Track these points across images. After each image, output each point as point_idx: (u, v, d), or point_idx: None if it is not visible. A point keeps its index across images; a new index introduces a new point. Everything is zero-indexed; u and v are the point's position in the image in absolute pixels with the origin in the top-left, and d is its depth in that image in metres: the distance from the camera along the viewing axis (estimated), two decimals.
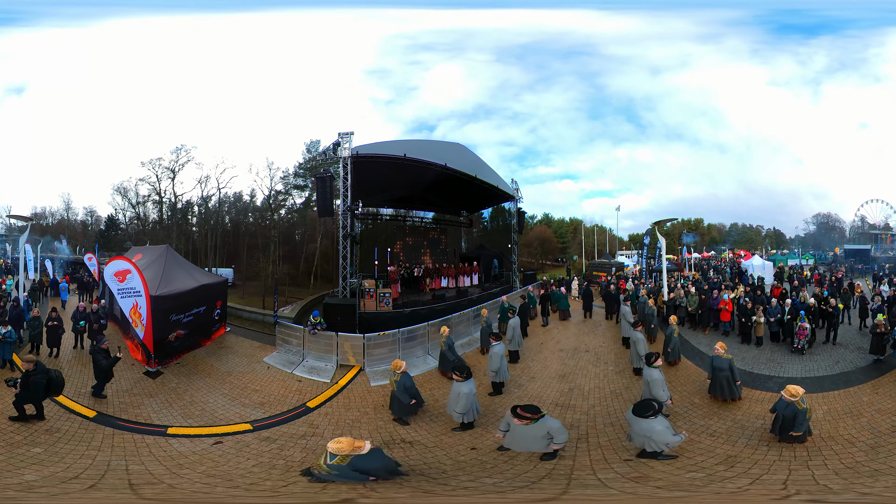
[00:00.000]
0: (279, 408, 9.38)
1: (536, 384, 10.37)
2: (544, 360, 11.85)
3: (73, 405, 8.42)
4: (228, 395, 9.77)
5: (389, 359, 11.79)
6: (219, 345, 13.00)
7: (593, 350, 12.25)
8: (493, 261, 22.39)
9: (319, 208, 16.24)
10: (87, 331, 11.27)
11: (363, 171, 15.97)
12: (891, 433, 6.93)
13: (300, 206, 24.88)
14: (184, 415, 8.69)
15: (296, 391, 10.25)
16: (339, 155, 15.28)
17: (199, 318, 12.46)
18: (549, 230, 33.36)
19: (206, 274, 15.05)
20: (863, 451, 6.50)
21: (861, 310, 12.58)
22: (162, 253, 13.21)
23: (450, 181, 18.59)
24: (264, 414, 9.04)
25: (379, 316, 15.02)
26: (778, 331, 11.38)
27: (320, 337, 12.32)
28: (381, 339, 12.23)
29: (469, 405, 7.92)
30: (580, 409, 8.84)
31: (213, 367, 11.29)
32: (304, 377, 11.02)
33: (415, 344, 12.76)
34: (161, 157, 23.01)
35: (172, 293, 11.44)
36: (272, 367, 11.59)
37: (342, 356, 12.00)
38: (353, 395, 10.25)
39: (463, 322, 14.31)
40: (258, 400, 9.65)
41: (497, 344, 9.81)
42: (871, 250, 34.86)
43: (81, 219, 27.08)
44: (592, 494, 5.81)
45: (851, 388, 8.69)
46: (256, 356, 12.27)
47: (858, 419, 7.48)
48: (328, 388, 10.51)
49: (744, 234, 46.21)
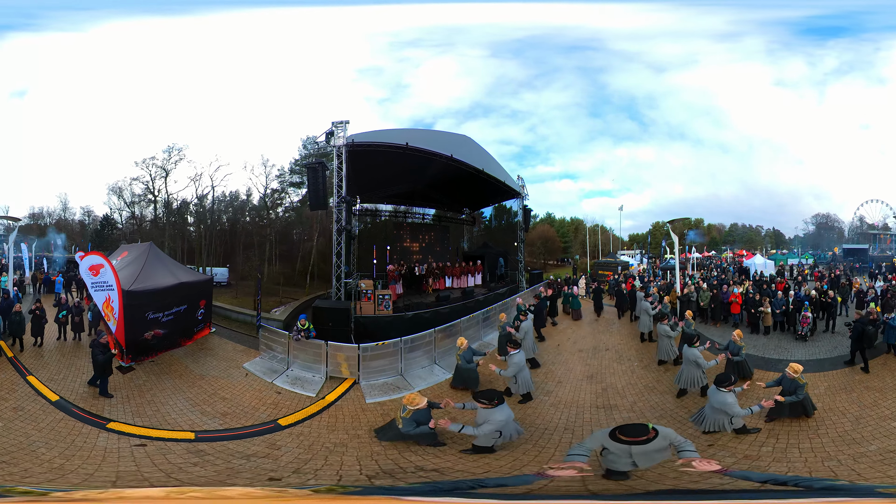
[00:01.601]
0: (243, 421, 9.05)
1: (566, 388, 10.52)
2: (565, 362, 12.23)
3: (42, 388, 9.65)
4: (192, 400, 9.75)
5: (389, 370, 11.45)
6: (200, 346, 13.26)
7: (613, 348, 13.05)
8: (498, 260, 23.05)
9: (311, 201, 15.79)
10: (68, 322, 12.55)
11: (360, 163, 15.58)
12: (872, 406, 8.61)
13: (297, 204, 25.86)
14: (134, 413, 9.00)
15: (271, 404, 9.83)
16: (334, 144, 14.91)
17: (179, 317, 12.78)
18: (551, 229, 34.99)
19: (189, 272, 15.32)
20: (850, 422, 8.07)
21: (858, 302, 14.49)
22: (145, 250, 13.77)
23: (454, 175, 18.90)
24: (221, 425, 8.79)
25: (378, 321, 14.63)
26: (783, 320, 13.20)
27: (309, 344, 11.68)
28: (380, 349, 11.55)
29: (509, 433, 7.67)
30: (624, 408, 9.32)
31: (187, 369, 11.38)
32: (284, 388, 10.59)
33: (419, 353, 12.18)
34: (154, 157, 24.40)
35: (148, 289, 11.85)
36: (251, 374, 11.37)
37: (333, 367, 11.38)
38: (341, 414, 9.65)
39: (472, 326, 14.17)
40: (222, 409, 9.42)
41: (517, 353, 9.55)
42: (869, 250, 37.94)
43: (79, 218, 28.77)
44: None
45: (847, 369, 10.45)
46: (237, 361, 12.18)
47: (850, 394, 9.16)
48: (311, 404, 9.95)
49: (744, 235, 49.19)
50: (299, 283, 23.88)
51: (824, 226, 43.16)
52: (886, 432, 7.60)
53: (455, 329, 13.09)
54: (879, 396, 8.98)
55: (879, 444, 7.24)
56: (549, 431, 8.59)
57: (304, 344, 11.69)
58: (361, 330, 13.92)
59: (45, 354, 11.58)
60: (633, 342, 13.44)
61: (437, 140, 17.11)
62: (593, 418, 9.05)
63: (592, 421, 8.95)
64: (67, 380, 10.24)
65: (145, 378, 10.50)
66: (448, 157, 16.83)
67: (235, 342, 13.81)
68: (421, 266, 22.15)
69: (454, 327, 13.18)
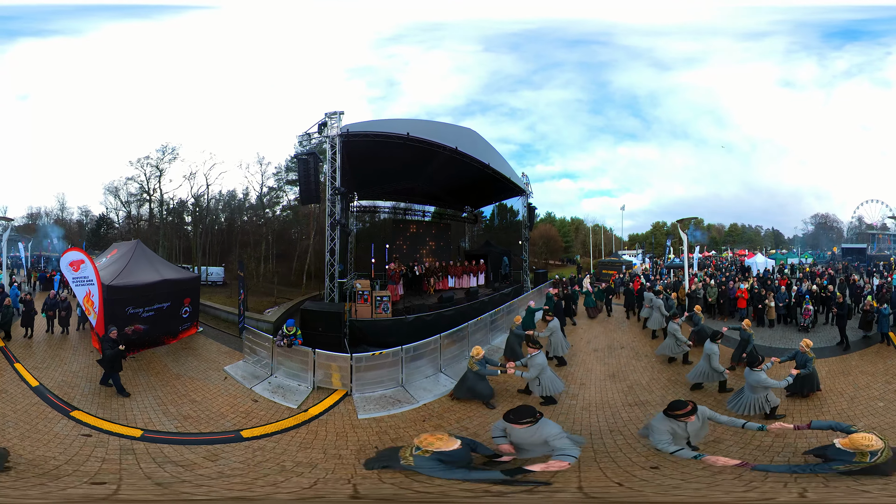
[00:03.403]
0: (203, 426, 9.07)
1: (591, 390, 10.83)
2: (583, 362, 12.74)
3: (26, 374, 10.84)
4: (159, 399, 10.08)
5: (387, 380, 11.01)
6: (184, 345, 13.74)
7: (628, 346, 14.07)
8: (502, 259, 23.62)
9: (302, 193, 15.51)
10: (55, 316, 13.91)
11: (356, 156, 15.57)
12: (865, 388, 10.33)
13: (294, 203, 26.90)
14: (99, 405, 9.62)
15: (242, 412, 9.74)
16: (327, 134, 14.80)
17: (162, 314, 13.44)
18: (553, 229, 36.77)
19: (175, 270, 16.01)
20: (846, 401, 9.77)
21: (854, 297, 16.50)
22: (131, 247, 14.72)
23: (458, 170, 19.38)
24: (176, 428, 8.94)
25: (375, 325, 14.40)
26: (785, 313, 15.19)
27: (295, 350, 11.42)
28: (376, 359, 11.09)
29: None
30: (655, 403, 9.78)
31: (165, 368, 11.84)
32: (262, 397, 10.49)
33: (423, 362, 11.83)
34: (148, 156, 26.22)
35: (129, 285, 12.73)
36: (230, 378, 11.46)
37: (323, 376, 11.02)
38: (323, 430, 9.17)
39: (480, 330, 14.14)
40: (185, 412, 9.58)
41: (538, 354, 9.70)
42: (868, 249, 41.17)
43: (77, 218, 31.01)
44: None
45: (845, 355, 12.35)
46: (219, 363, 12.44)
47: (847, 377, 10.94)
48: (290, 417, 9.67)
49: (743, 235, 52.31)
50: (296, 283, 24.85)
51: (823, 226, 46.51)
52: (873, 411, 9.24)
53: (462, 334, 12.93)
54: (871, 380, 10.75)
55: (867, 421, 8.80)
56: (596, 436, 8.64)
57: (289, 350, 11.43)
58: (357, 334, 13.75)
59: (34, 345, 12.97)
60: (647, 339, 14.68)
61: (440, 132, 17.06)
62: (632, 416, 9.31)
63: (633, 419, 9.17)
64: (50, 369, 11.38)
65: (121, 373, 10.79)
66: (452, 150, 16.94)
67: (221, 343, 14.14)
68: (421, 265, 22.53)
69: (461, 332, 12.96)
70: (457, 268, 22.60)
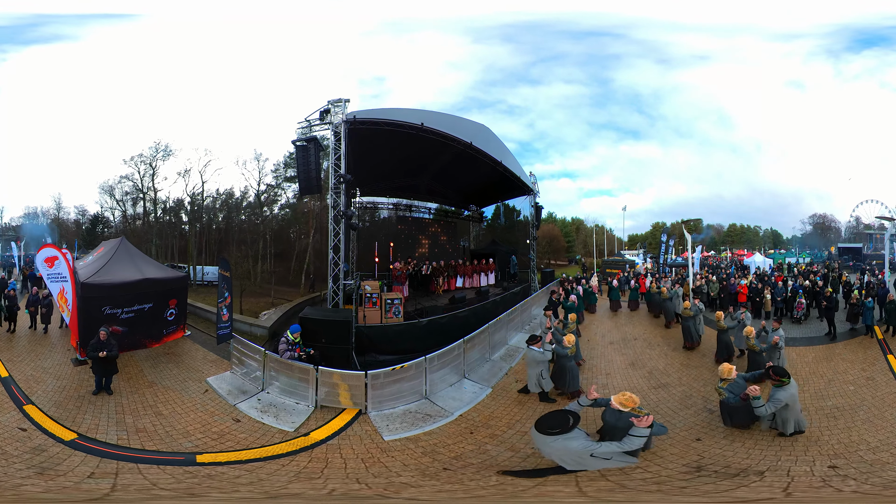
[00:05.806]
0: (154, 444, 8.50)
1: (617, 379, 12.46)
2: (603, 354, 14.66)
3: None
4: (122, 406, 9.90)
5: (409, 394, 10.59)
6: (167, 350, 13.87)
7: (640, 337, 16.59)
8: (510, 258, 25.67)
9: (302, 183, 15.20)
10: (37, 313, 15.35)
11: (360, 148, 15.50)
12: (843, 373, 12.92)
13: (293, 201, 28.87)
14: (55, 403, 9.93)
15: (214, 433, 8.99)
16: (330, 121, 14.73)
17: (143, 315, 13.73)
18: (556, 228, 39.79)
19: (159, 268, 16.21)
20: (823, 383, 12.25)
21: (845, 293, 19.97)
22: (115, 245, 15.36)
23: (467, 167, 20.58)
24: (118, 440, 8.52)
25: (384, 331, 14.07)
26: (782, 307, 18.39)
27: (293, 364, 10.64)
28: (396, 374, 10.60)
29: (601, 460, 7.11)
30: (676, 384, 11.78)
31: (140, 374, 11.91)
32: (247, 416, 9.78)
33: (446, 370, 11.75)
34: (142, 153, 28.22)
35: (106, 283, 13.16)
36: (211, 390, 10.99)
37: (326, 392, 10.30)
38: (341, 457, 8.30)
39: (499, 330, 14.82)
40: (143, 424, 9.15)
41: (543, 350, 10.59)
42: (864, 249, 45.88)
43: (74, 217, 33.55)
44: None
45: (831, 344, 15.36)
46: (202, 373, 12.23)
47: (829, 363, 13.72)
48: (282, 442, 8.79)
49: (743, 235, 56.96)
50: (294, 283, 26.65)
51: (820, 226, 51.38)
52: (843, 393, 11.20)
53: (483, 336, 13.45)
54: (849, 366, 13.45)
55: (835, 401, 10.68)
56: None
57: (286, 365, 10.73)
58: (364, 342, 13.34)
59: (14, 339, 14.48)
60: (657, 330, 17.76)
61: (452, 124, 17.44)
62: (659, 398, 11.14)
63: (659, 400, 10.94)
64: (25, 362, 12.47)
65: (90, 376, 10.98)
66: (467, 145, 17.73)
67: (209, 350, 13.96)
68: (428, 264, 23.54)
69: (481, 333, 13.37)
70: (467, 267, 24.06)
